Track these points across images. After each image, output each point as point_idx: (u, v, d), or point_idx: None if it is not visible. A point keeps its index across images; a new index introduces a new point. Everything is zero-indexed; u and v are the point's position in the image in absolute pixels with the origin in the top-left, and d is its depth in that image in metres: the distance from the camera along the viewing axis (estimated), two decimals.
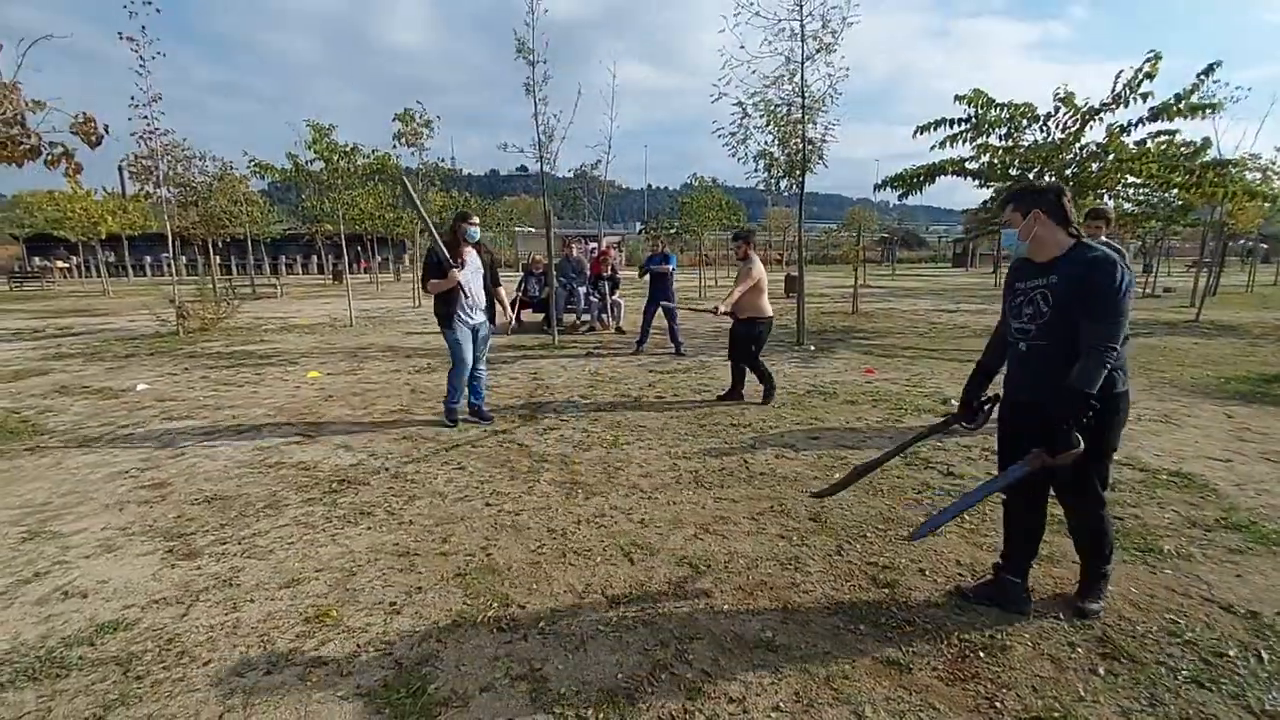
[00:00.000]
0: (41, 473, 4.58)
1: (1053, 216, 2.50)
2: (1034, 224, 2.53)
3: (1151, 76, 8.94)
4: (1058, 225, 2.51)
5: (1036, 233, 2.54)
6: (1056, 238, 2.51)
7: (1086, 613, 2.70)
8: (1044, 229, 2.52)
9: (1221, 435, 5.26)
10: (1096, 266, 2.36)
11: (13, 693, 2.28)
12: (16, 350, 10.36)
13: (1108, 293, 2.33)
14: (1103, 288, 2.34)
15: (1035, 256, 2.60)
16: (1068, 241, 2.50)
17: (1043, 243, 2.54)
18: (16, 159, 5.33)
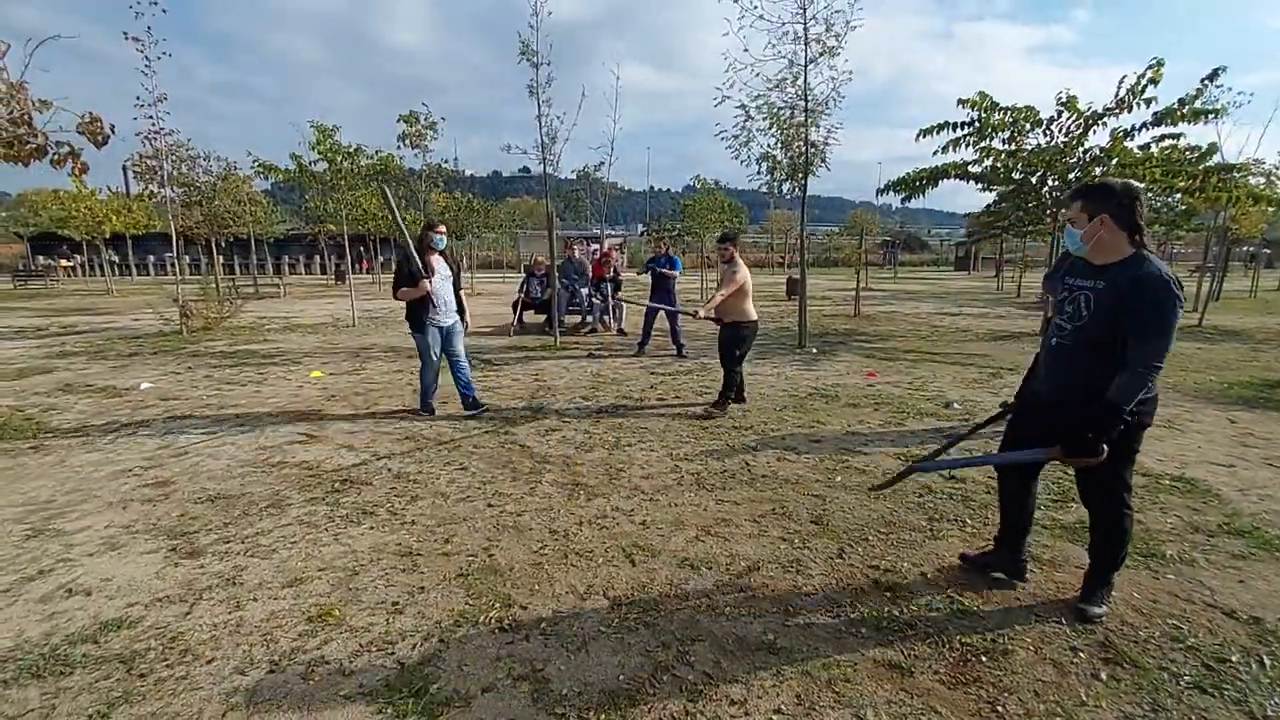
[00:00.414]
0: (45, 470, 4.59)
1: (1120, 222, 2.43)
2: (1099, 228, 2.47)
3: (1156, 82, 8.94)
4: (1123, 231, 2.43)
5: (1101, 236, 2.47)
6: (1119, 244, 2.45)
7: (1089, 616, 2.69)
8: (1109, 234, 2.46)
9: (1224, 440, 5.25)
10: (1146, 285, 2.31)
11: (17, 690, 2.29)
12: (21, 348, 10.39)
13: (1156, 314, 2.30)
14: (1151, 308, 2.30)
15: (1093, 259, 2.54)
16: (1128, 251, 2.44)
17: (1104, 247, 2.48)
18: (23, 158, 5.34)
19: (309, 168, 17.70)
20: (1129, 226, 2.42)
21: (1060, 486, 4.21)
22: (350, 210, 17.99)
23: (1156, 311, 2.30)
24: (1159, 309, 2.29)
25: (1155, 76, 8.90)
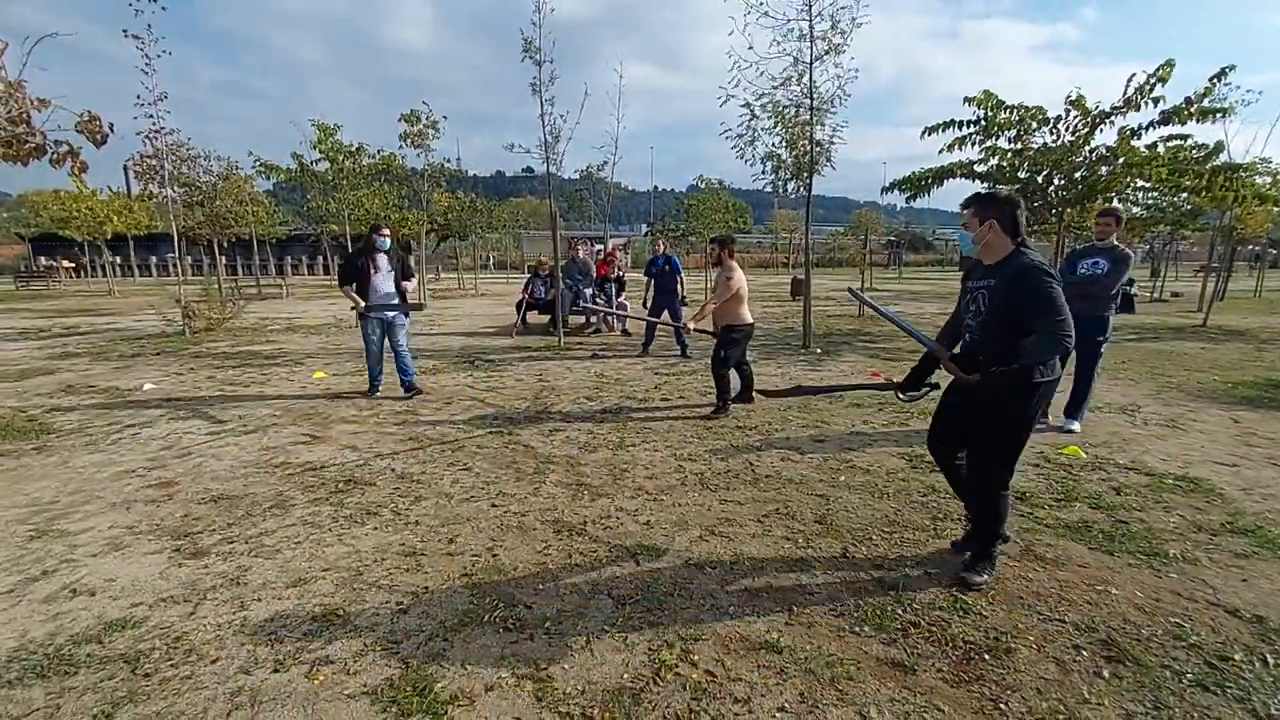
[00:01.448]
0: (48, 471, 4.60)
1: (1005, 227, 2.80)
2: (988, 232, 2.83)
3: (1165, 81, 8.93)
4: (1007, 234, 2.80)
5: (989, 239, 2.84)
6: (1004, 245, 2.81)
7: (967, 583, 2.92)
8: (996, 237, 2.82)
9: (1228, 440, 5.24)
10: (1023, 273, 2.67)
11: (21, 690, 2.30)
12: (23, 349, 10.42)
13: (1039, 294, 2.61)
14: (1033, 292, 2.63)
15: (984, 259, 2.90)
16: (1011, 248, 2.80)
17: (991, 248, 2.85)
18: (22, 158, 5.34)
19: (311, 167, 17.72)
20: (1012, 231, 2.80)
21: (1064, 486, 4.21)
22: (353, 210, 18.02)
23: (1038, 293, 2.61)
24: (1039, 290, 2.61)
25: (1164, 76, 8.88)
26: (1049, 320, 2.58)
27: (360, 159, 17.62)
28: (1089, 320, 5.32)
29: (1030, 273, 2.65)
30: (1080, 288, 5.30)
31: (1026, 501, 3.96)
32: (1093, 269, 5.29)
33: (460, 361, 9.21)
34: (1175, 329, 12.68)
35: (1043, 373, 2.71)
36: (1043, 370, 2.71)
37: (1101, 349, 5.37)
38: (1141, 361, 8.96)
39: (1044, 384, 2.75)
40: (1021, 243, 2.80)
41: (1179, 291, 22.09)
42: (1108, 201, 10.31)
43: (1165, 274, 26.08)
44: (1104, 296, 5.25)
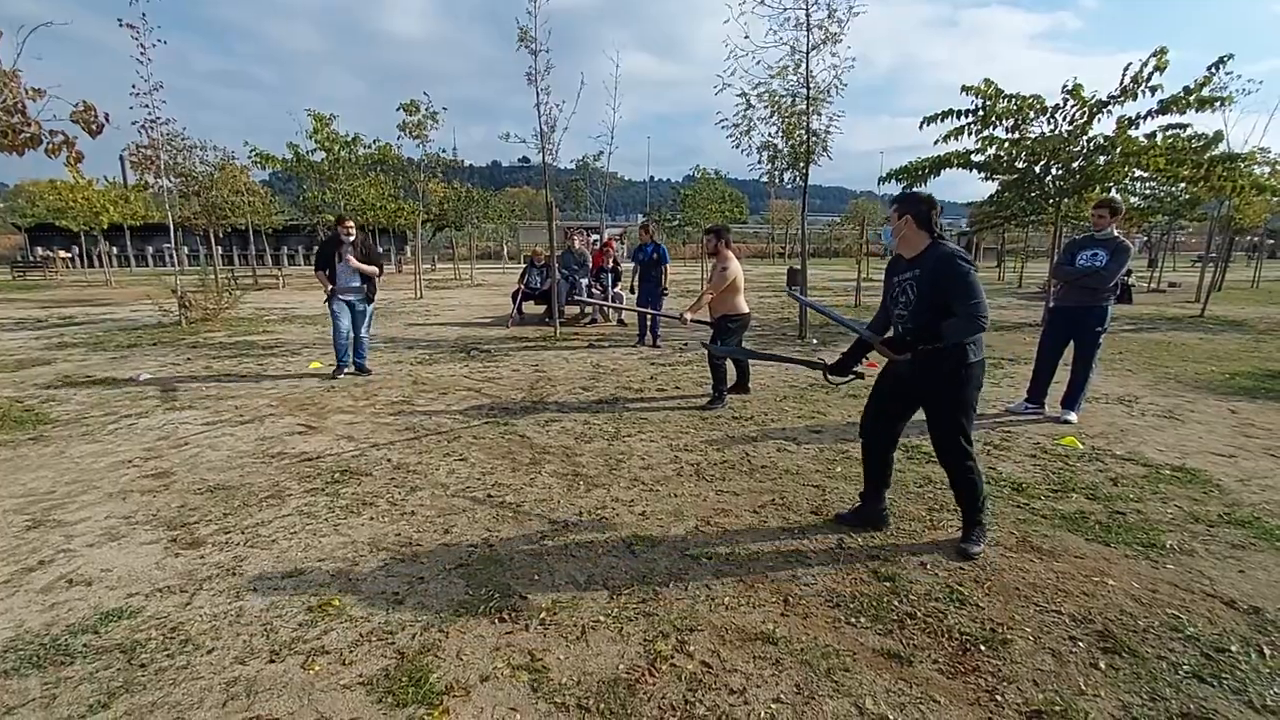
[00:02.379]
0: (45, 461, 4.59)
1: (920, 223, 3.05)
2: (905, 227, 3.09)
3: (1161, 69, 8.89)
4: (922, 230, 3.05)
5: (905, 234, 3.10)
6: (921, 239, 3.06)
7: (967, 554, 3.14)
8: (912, 232, 3.08)
9: (1225, 430, 5.25)
10: (944, 262, 2.91)
11: (18, 680, 2.29)
12: (20, 339, 10.38)
13: (958, 280, 2.86)
14: (953, 277, 2.87)
15: (904, 253, 3.15)
16: (928, 241, 3.05)
17: (909, 242, 3.10)
18: (17, 147, 5.31)
19: (306, 157, 17.62)
20: (926, 226, 3.05)
21: (1061, 477, 4.21)
22: (348, 200, 17.92)
23: (956, 277, 2.87)
24: (956, 274, 2.87)
25: (1161, 64, 8.84)
26: (966, 303, 2.83)
27: (356, 149, 17.53)
28: (1087, 310, 5.32)
29: (950, 261, 2.90)
30: (1078, 279, 5.30)
31: (1023, 493, 3.97)
32: (1091, 260, 5.27)
33: (456, 352, 9.20)
34: (1173, 319, 12.68)
35: (974, 353, 2.99)
36: (974, 351, 2.98)
37: (1100, 339, 5.36)
38: (1139, 352, 8.97)
39: (978, 363, 3.02)
40: (938, 236, 3.06)
41: (1176, 281, 22.10)
42: (1105, 191, 10.29)
43: (1163, 264, 26.07)
44: (1102, 288, 5.24)
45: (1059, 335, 5.63)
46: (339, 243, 7.22)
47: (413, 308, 15.55)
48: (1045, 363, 5.71)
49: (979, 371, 3.04)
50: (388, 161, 18.27)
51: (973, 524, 3.23)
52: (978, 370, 3.03)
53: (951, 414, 3.07)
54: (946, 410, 3.08)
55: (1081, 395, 5.50)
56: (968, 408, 3.08)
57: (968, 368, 2.98)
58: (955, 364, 2.97)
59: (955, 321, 2.85)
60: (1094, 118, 9.53)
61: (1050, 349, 5.68)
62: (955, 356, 2.96)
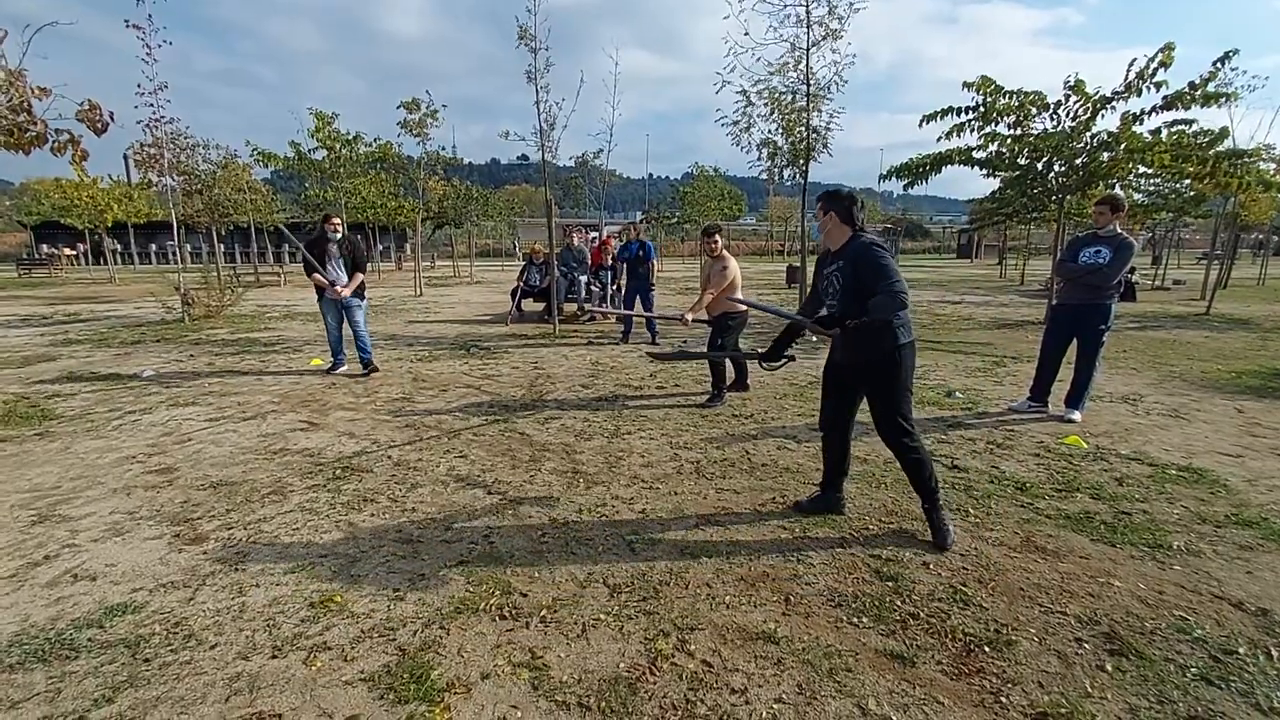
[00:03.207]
0: (50, 457, 4.60)
1: (842, 219, 3.27)
2: (829, 222, 3.31)
3: (1166, 65, 8.83)
4: (845, 224, 3.27)
5: (830, 229, 3.32)
6: (844, 233, 3.27)
7: (945, 544, 3.25)
8: (835, 227, 3.29)
9: (1232, 430, 5.22)
10: (861, 250, 3.13)
11: (23, 674, 2.30)
12: (25, 336, 10.41)
13: (874, 264, 3.04)
14: (869, 263, 3.06)
15: (831, 246, 3.35)
16: (849, 234, 3.26)
17: (834, 236, 3.32)
18: (23, 146, 5.32)
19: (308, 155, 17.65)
20: (848, 221, 3.26)
21: (1065, 477, 4.20)
22: (349, 198, 17.94)
23: (874, 262, 3.05)
24: (873, 260, 3.06)
25: (1166, 60, 8.79)
26: (884, 282, 2.98)
27: (357, 147, 17.55)
28: (1090, 308, 5.30)
29: (868, 249, 3.11)
30: (1081, 277, 5.28)
31: (1027, 492, 3.95)
32: (1094, 258, 5.25)
33: (456, 349, 9.20)
34: (1177, 317, 12.63)
35: (904, 335, 3.17)
36: (903, 333, 3.17)
37: (1103, 337, 5.34)
38: (1143, 350, 8.93)
39: (908, 344, 3.20)
40: (859, 229, 3.26)
41: (1181, 279, 22.02)
42: (1109, 188, 10.24)
43: (1167, 261, 25.97)
44: (1105, 285, 5.22)
45: (1062, 333, 5.61)
46: (325, 241, 7.18)
47: (413, 305, 15.54)
48: (1048, 361, 5.69)
49: (910, 353, 3.23)
50: (388, 160, 18.29)
51: (933, 506, 3.34)
52: (908, 351, 3.21)
53: (887, 394, 3.24)
54: (882, 392, 3.26)
55: (1085, 394, 5.48)
56: (902, 388, 3.24)
57: (899, 349, 3.16)
58: (887, 345, 3.15)
59: (878, 299, 3.00)
60: (1097, 114, 9.49)
61: (1053, 347, 5.65)
62: (886, 338, 3.14)
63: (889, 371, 3.20)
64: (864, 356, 3.25)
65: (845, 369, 3.43)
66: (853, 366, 3.36)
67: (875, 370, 3.24)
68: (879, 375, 3.24)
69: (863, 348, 3.22)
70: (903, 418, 3.26)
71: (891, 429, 3.28)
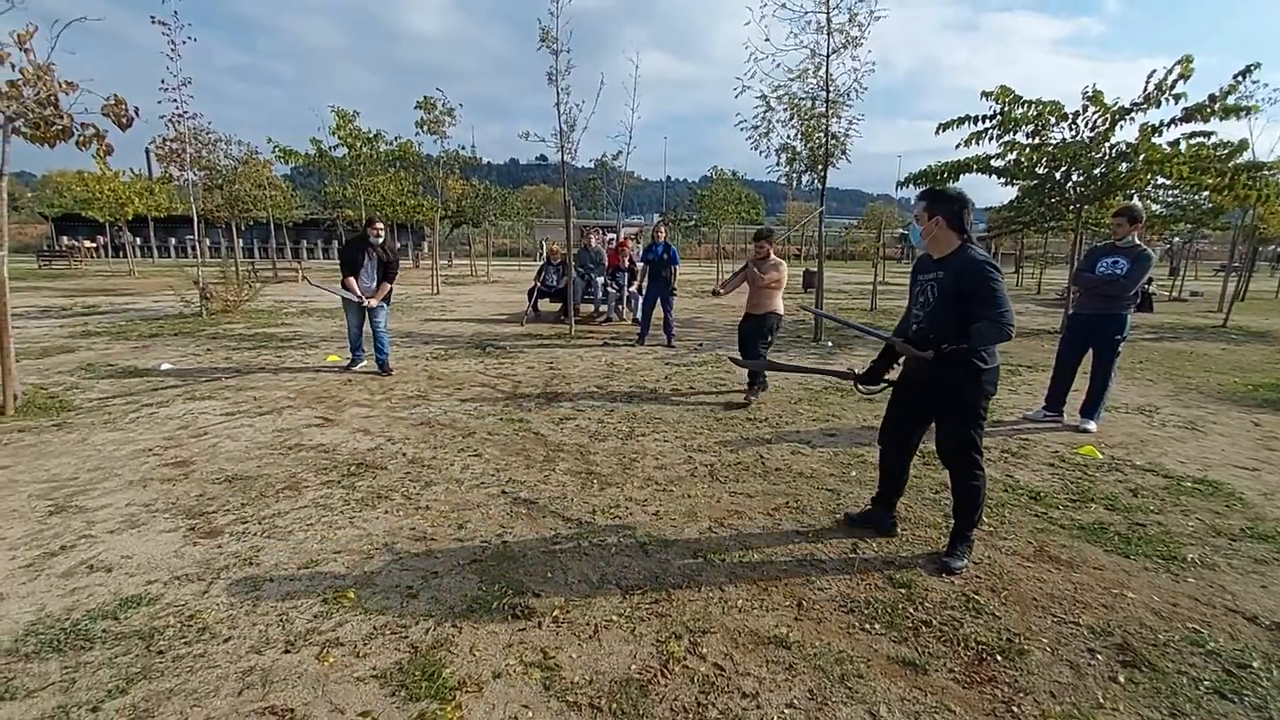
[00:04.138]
0: (68, 448, 4.65)
1: (950, 224, 2.98)
2: (935, 227, 3.03)
3: (1186, 77, 8.77)
4: (953, 231, 2.99)
5: (935, 234, 3.04)
6: (950, 240, 3.00)
7: (949, 568, 3.07)
8: (942, 232, 3.01)
9: (1248, 443, 5.17)
10: (973, 267, 2.87)
11: (38, 663, 2.33)
12: (45, 327, 10.54)
13: (986, 287, 2.82)
14: (981, 284, 2.83)
15: (933, 253, 3.09)
16: (958, 243, 2.99)
17: (938, 242, 3.04)
18: (49, 139, 5.40)
19: (328, 153, 17.79)
20: (957, 228, 2.98)
21: (1079, 487, 4.17)
22: (369, 195, 18.07)
23: (987, 286, 2.81)
24: (987, 283, 2.82)
25: (1185, 72, 8.73)
26: (994, 311, 2.79)
27: (378, 145, 17.67)
28: (1106, 318, 5.27)
29: (981, 268, 2.86)
30: (1098, 287, 5.25)
31: (1041, 501, 3.93)
32: (1112, 268, 5.24)
33: (472, 347, 9.24)
34: (1195, 329, 12.50)
35: (988, 360, 2.96)
36: (987, 358, 2.96)
37: (1119, 348, 5.31)
38: (1160, 361, 8.85)
39: (990, 369, 2.97)
40: (968, 239, 3.00)
41: (1198, 291, 21.79)
42: (1128, 198, 10.18)
43: (1184, 273, 25.71)
44: (1122, 296, 5.19)
45: (1078, 343, 5.59)
46: (367, 244, 7.19)
47: (429, 303, 15.61)
48: (1064, 370, 5.66)
49: (993, 377, 3.02)
50: (408, 158, 18.40)
51: (963, 539, 3.18)
52: (992, 376, 3.01)
53: (962, 416, 3.04)
54: (957, 412, 3.05)
55: (1101, 404, 5.44)
56: (979, 415, 3.05)
57: (984, 372, 2.97)
58: (972, 366, 2.95)
59: (983, 326, 2.82)
60: (1116, 124, 9.42)
61: (1069, 357, 5.63)
62: (971, 359, 2.94)
63: (968, 392, 3.00)
64: (944, 373, 3.01)
65: (919, 384, 3.22)
66: (928, 382, 3.14)
67: (953, 389, 3.03)
68: (956, 395, 3.03)
69: (944, 364, 2.98)
70: (975, 449, 3.08)
71: (958, 453, 3.10)
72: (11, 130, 5.21)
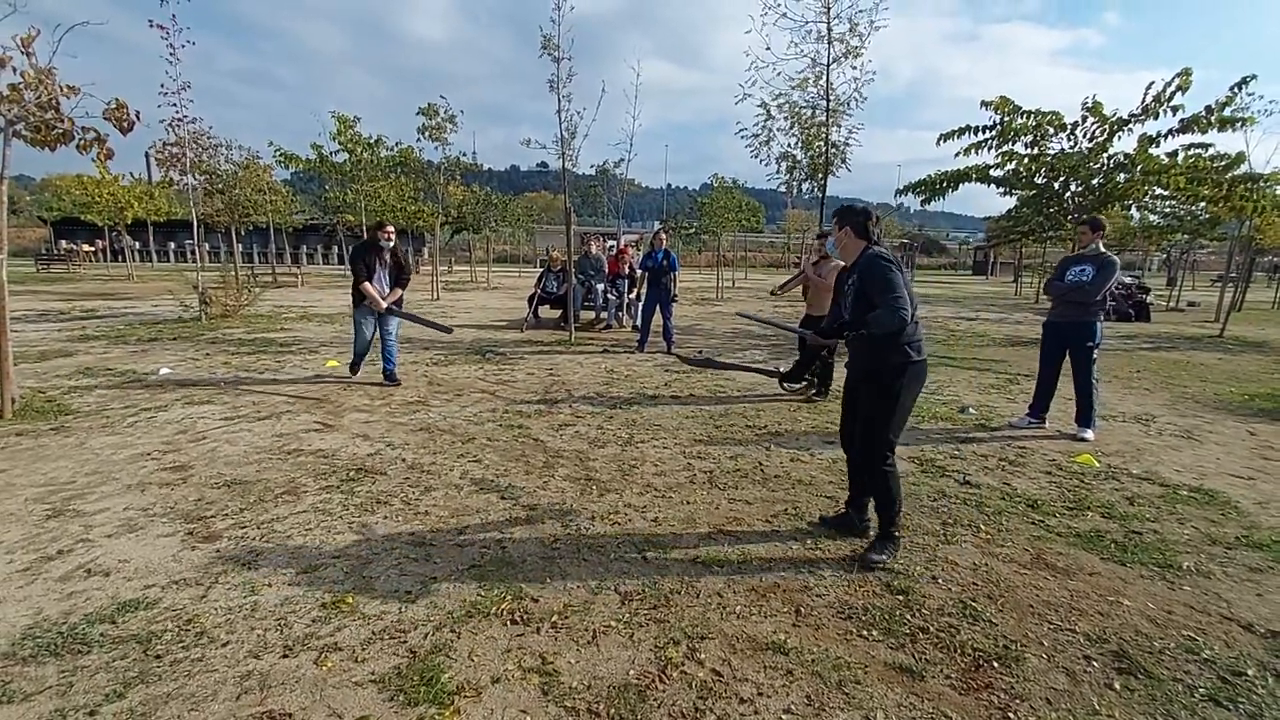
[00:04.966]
0: (66, 452, 4.65)
1: (857, 233, 3.33)
2: (845, 236, 3.38)
3: (1184, 89, 8.84)
4: (860, 239, 3.33)
5: (845, 243, 3.39)
6: (858, 246, 3.33)
7: (869, 563, 3.18)
8: (850, 240, 3.36)
9: (1244, 452, 5.19)
10: (869, 263, 3.19)
11: (35, 667, 2.33)
12: (43, 331, 10.53)
13: (879, 278, 3.10)
14: (875, 276, 3.12)
15: (845, 260, 3.46)
16: (862, 247, 3.31)
17: (848, 250, 3.40)
18: (49, 143, 5.41)
19: (329, 158, 17.82)
20: (864, 236, 3.32)
21: (1076, 495, 4.18)
22: (369, 201, 18.10)
23: (880, 276, 3.10)
24: (878, 273, 3.11)
25: (1184, 84, 8.80)
26: (885, 296, 3.05)
27: (379, 151, 17.71)
28: (1077, 326, 5.44)
29: (874, 260, 3.17)
30: (1066, 293, 5.48)
31: (1038, 509, 3.94)
32: (1080, 276, 5.43)
33: (472, 353, 9.25)
34: (1191, 339, 12.54)
35: (913, 353, 3.16)
36: (912, 350, 3.16)
37: (1093, 355, 5.46)
38: (1157, 371, 8.87)
39: (911, 365, 3.17)
40: (872, 243, 3.31)
41: (1195, 301, 21.86)
42: (1125, 208, 10.25)
43: (1182, 283, 25.79)
44: (1089, 302, 5.37)
45: (1053, 349, 5.74)
46: (377, 249, 6.88)
47: (429, 309, 15.62)
48: (1043, 377, 5.81)
49: (919, 372, 3.22)
50: (408, 164, 18.44)
51: (885, 536, 3.29)
52: (917, 370, 3.20)
53: (882, 409, 3.22)
54: (877, 405, 3.24)
55: (1092, 412, 5.49)
56: (899, 408, 3.21)
57: (908, 365, 3.17)
58: (896, 360, 3.15)
59: (877, 313, 3.08)
60: (1114, 135, 9.49)
61: (1046, 363, 5.78)
62: (896, 354, 3.14)
63: (890, 386, 3.18)
64: (870, 366, 3.26)
65: (854, 386, 3.46)
66: (858, 383, 3.39)
67: (877, 382, 3.23)
68: (879, 388, 3.22)
69: (871, 358, 3.24)
70: (887, 438, 3.24)
71: (872, 445, 3.26)
72: (12, 134, 5.23)
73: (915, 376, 3.21)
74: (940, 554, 3.34)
